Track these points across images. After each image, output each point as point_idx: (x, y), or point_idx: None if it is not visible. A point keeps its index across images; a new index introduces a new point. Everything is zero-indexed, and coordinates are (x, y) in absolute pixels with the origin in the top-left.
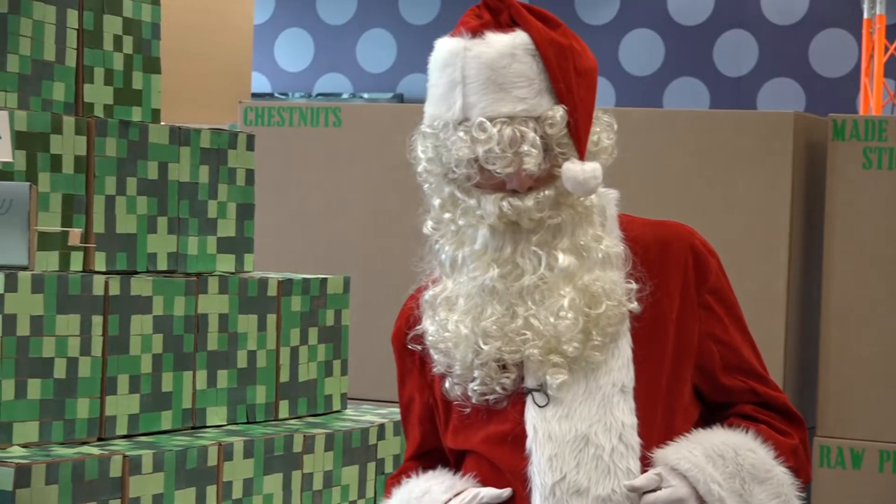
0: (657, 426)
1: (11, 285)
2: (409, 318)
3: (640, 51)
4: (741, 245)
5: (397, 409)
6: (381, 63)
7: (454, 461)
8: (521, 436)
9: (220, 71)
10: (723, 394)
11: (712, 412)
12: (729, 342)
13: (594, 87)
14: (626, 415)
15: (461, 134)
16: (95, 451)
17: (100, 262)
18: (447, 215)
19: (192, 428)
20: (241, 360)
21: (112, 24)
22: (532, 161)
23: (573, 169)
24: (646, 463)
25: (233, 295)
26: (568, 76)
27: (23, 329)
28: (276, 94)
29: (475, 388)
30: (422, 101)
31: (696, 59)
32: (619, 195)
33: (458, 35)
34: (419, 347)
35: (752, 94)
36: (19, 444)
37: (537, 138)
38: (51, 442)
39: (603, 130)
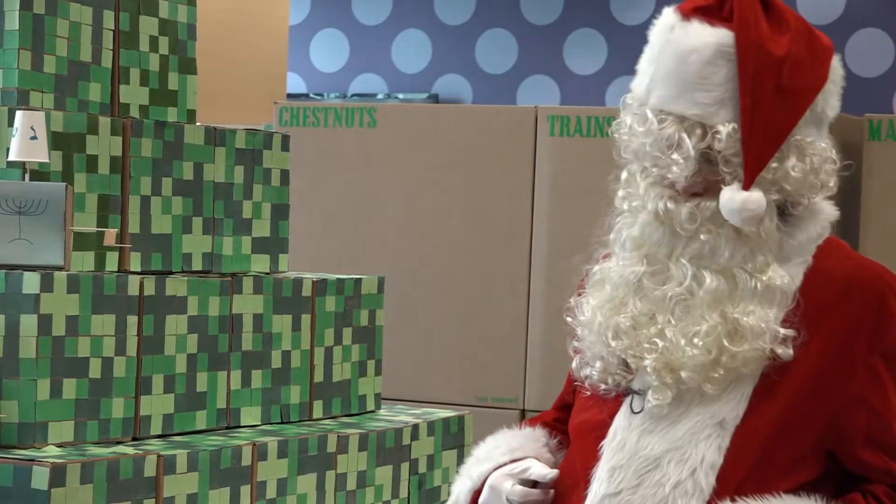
0: (742, 475)
1: (47, 285)
2: (581, 281)
3: None
4: None
5: (431, 410)
6: (416, 63)
7: None
8: (604, 434)
9: (256, 71)
10: (858, 466)
11: (846, 481)
12: (882, 413)
13: (802, 109)
14: (711, 451)
15: (629, 119)
16: (130, 450)
17: (135, 262)
18: (622, 192)
19: (227, 428)
20: (276, 361)
21: (148, 25)
22: (678, 171)
23: (726, 195)
24: None
25: (267, 295)
26: (762, 91)
27: (58, 329)
28: (312, 95)
29: (593, 373)
30: (457, 101)
31: None
32: (836, 215)
33: (678, 10)
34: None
35: None
36: (54, 444)
37: (693, 149)
38: (86, 441)
39: (809, 162)
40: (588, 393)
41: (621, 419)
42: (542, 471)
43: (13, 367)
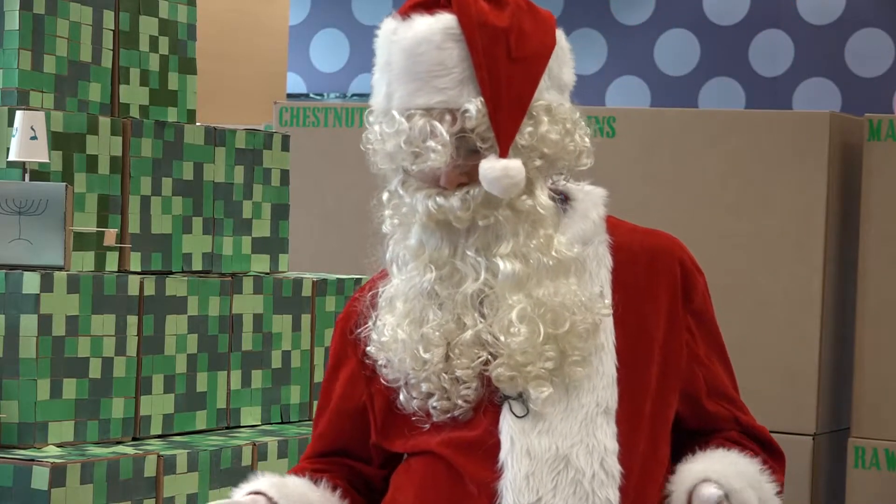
0: (639, 454)
1: (47, 285)
2: (358, 307)
3: (676, 51)
4: (776, 246)
5: None
6: None
7: (381, 463)
8: (494, 446)
9: (256, 71)
10: (706, 420)
11: (686, 439)
12: (710, 366)
13: (537, 74)
14: (608, 439)
15: (377, 127)
16: (130, 450)
17: (135, 262)
18: (388, 212)
19: (227, 428)
20: (276, 361)
21: (148, 25)
22: (438, 158)
23: (485, 166)
24: (624, 494)
25: (267, 295)
26: (495, 63)
27: (58, 329)
28: (312, 95)
29: (435, 404)
30: None
31: (731, 59)
32: (606, 194)
33: (396, 15)
34: (362, 337)
35: (787, 94)
36: (55, 444)
37: (446, 134)
38: (86, 441)
39: (563, 126)
40: (426, 427)
41: (510, 426)
42: None
43: (13, 367)
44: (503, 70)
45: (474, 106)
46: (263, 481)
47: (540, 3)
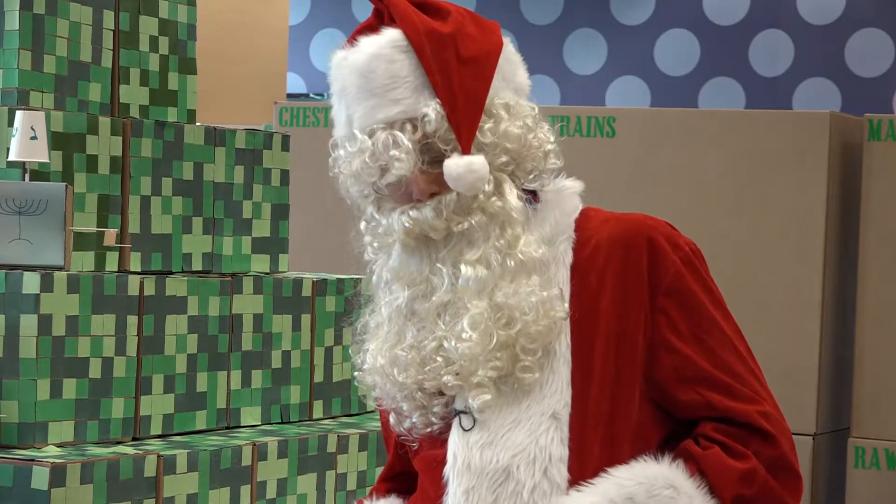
0: (593, 459)
1: (47, 285)
2: None
3: (676, 51)
4: (776, 245)
5: None
6: None
7: None
8: (444, 462)
9: (256, 71)
10: (681, 410)
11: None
12: (682, 350)
13: (489, 73)
14: (555, 445)
15: (342, 151)
16: (130, 450)
17: (135, 262)
18: (367, 238)
19: (227, 428)
20: (276, 361)
21: (148, 25)
22: (403, 167)
23: (449, 164)
24: None
25: (267, 295)
26: (446, 66)
27: (58, 329)
28: (312, 95)
29: (415, 421)
30: None
31: (731, 59)
32: (581, 188)
33: (345, 45)
34: None
35: (787, 94)
36: (54, 444)
37: (408, 141)
38: (86, 441)
39: (524, 122)
40: (415, 446)
41: (456, 441)
42: None
43: (13, 367)
44: (455, 72)
45: (432, 109)
46: None
47: (540, 3)
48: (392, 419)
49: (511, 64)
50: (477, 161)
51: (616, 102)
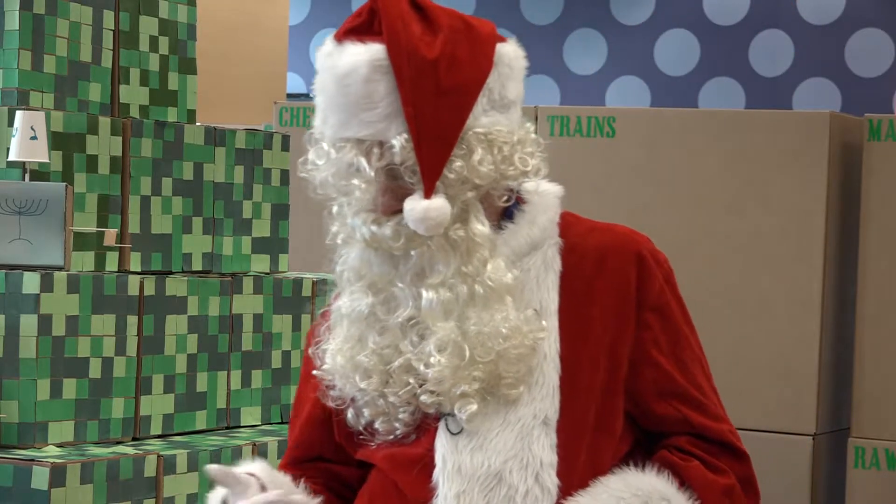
0: (580, 466)
1: (47, 285)
2: (323, 321)
3: (676, 51)
4: (776, 245)
5: None
6: None
7: (359, 463)
8: (431, 464)
9: (256, 71)
10: (655, 423)
11: (650, 441)
12: (663, 365)
13: (469, 102)
14: (545, 451)
15: (311, 154)
16: (130, 450)
17: (135, 262)
18: (335, 227)
19: (227, 428)
20: (276, 360)
21: (148, 25)
22: (363, 197)
23: (407, 207)
24: None
25: (267, 295)
26: (422, 98)
27: (58, 329)
28: (312, 95)
29: (377, 426)
30: None
31: (731, 59)
32: (561, 193)
33: (335, 36)
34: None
35: (787, 94)
36: (54, 444)
37: (371, 169)
38: (86, 441)
39: (498, 152)
40: (373, 445)
41: (443, 446)
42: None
43: (13, 367)
44: (430, 105)
45: (398, 143)
46: (256, 465)
47: (540, 3)
48: (349, 415)
49: (503, 79)
50: (434, 207)
51: (616, 102)
